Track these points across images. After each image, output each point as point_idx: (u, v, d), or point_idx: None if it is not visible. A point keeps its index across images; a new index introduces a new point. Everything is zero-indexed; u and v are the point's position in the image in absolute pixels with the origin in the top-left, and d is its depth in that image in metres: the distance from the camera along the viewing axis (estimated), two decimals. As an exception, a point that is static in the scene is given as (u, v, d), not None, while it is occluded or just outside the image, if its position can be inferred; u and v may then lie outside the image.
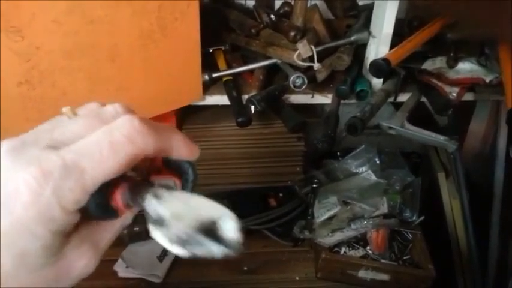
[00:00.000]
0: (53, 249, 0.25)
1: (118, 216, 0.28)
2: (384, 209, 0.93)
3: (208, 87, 0.84)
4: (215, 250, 0.23)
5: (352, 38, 0.86)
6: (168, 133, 0.27)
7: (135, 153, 0.25)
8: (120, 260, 0.87)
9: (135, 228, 0.88)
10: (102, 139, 0.25)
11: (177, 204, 0.24)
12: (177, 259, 0.88)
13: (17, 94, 0.61)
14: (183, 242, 0.23)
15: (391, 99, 0.88)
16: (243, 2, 1.02)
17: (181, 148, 0.28)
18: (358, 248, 0.90)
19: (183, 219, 0.23)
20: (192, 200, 0.25)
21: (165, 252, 0.88)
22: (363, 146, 1.02)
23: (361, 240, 0.91)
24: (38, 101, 0.63)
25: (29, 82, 0.61)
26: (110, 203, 0.27)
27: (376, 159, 1.00)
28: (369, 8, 0.89)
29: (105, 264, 0.87)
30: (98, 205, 0.26)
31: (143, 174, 0.29)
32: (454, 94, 0.85)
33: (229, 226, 0.23)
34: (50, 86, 0.63)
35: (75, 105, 0.68)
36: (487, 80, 0.85)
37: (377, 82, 0.87)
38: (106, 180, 0.25)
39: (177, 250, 0.23)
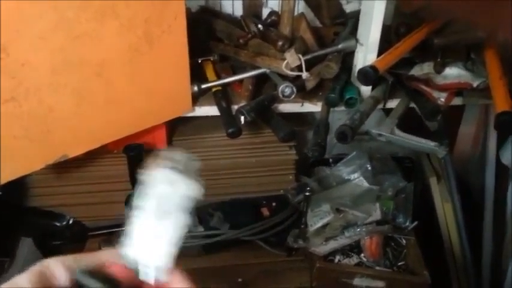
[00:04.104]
0: None
1: None
2: (377, 215, 0.93)
3: (197, 98, 0.84)
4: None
5: (340, 46, 0.86)
6: None
7: None
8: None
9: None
10: None
11: None
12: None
13: (3, 112, 0.60)
14: None
15: (380, 106, 0.88)
16: (231, 12, 1.02)
17: None
18: (353, 256, 0.90)
19: None
20: None
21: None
22: (354, 152, 1.02)
23: (355, 248, 0.91)
24: (25, 118, 0.62)
25: (15, 99, 0.61)
26: None
27: (368, 166, 1.00)
28: (356, 16, 0.90)
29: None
30: None
31: None
32: (443, 99, 0.85)
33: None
34: (36, 102, 0.63)
35: (63, 121, 0.68)
36: (474, 85, 0.85)
37: (366, 89, 0.87)
38: None
39: None
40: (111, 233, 0.90)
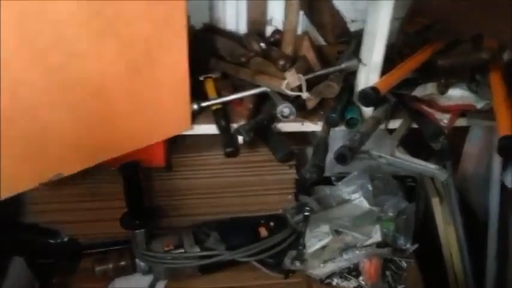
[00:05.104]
0: None
1: None
2: (377, 237, 0.91)
3: (197, 116, 0.83)
4: None
5: (342, 65, 0.85)
6: None
7: None
8: (105, 295, 0.85)
9: (120, 263, 0.86)
10: None
11: None
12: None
13: (-2, 129, 0.59)
14: None
15: (382, 127, 0.87)
16: (235, 29, 1.02)
17: None
18: (351, 279, 0.88)
19: None
20: None
21: (152, 287, 0.86)
22: (355, 172, 1.00)
23: (353, 271, 0.89)
24: (20, 136, 0.62)
25: (10, 117, 0.60)
26: None
27: (369, 186, 0.98)
28: (360, 35, 0.89)
29: (91, 300, 0.84)
30: None
31: None
32: (445, 121, 0.84)
33: None
34: (32, 120, 0.62)
35: (58, 139, 0.67)
36: (478, 107, 0.84)
37: (368, 109, 0.86)
38: None
39: None
40: (105, 251, 0.89)
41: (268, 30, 1.00)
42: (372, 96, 0.75)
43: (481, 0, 0.95)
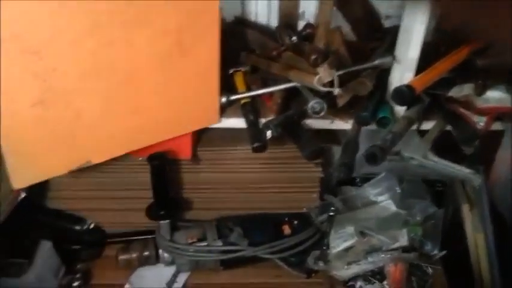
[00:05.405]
0: None
1: None
2: (404, 241, 0.88)
3: (225, 109, 0.83)
4: None
5: (376, 62, 0.83)
6: None
7: None
8: (127, 285, 0.85)
9: (144, 253, 0.86)
10: None
11: None
12: (186, 286, 0.86)
13: (31, 115, 0.60)
14: None
15: (414, 127, 0.84)
16: (266, 22, 1.00)
17: None
18: (375, 283, 0.85)
19: None
20: None
21: (174, 278, 0.86)
22: (383, 173, 0.98)
23: (378, 274, 0.87)
24: (52, 122, 0.62)
25: (43, 103, 0.60)
26: None
27: (397, 188, 0.96)
28: (394, 32, 0.86)
29: (113, 288, 0.85)
30: None
31: None
32: (482, 124, 0.81)
33: None
34: (64, 107, 0.62)
35: (89, 127, 0.68)
36: (517, 110, 0.81)
37: (400, 109, 0.83)
38: None
39: None
40: (129, 240, 0.89)
41: (300, 24, 0.98)
42: (407, 94, 0.73)
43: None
